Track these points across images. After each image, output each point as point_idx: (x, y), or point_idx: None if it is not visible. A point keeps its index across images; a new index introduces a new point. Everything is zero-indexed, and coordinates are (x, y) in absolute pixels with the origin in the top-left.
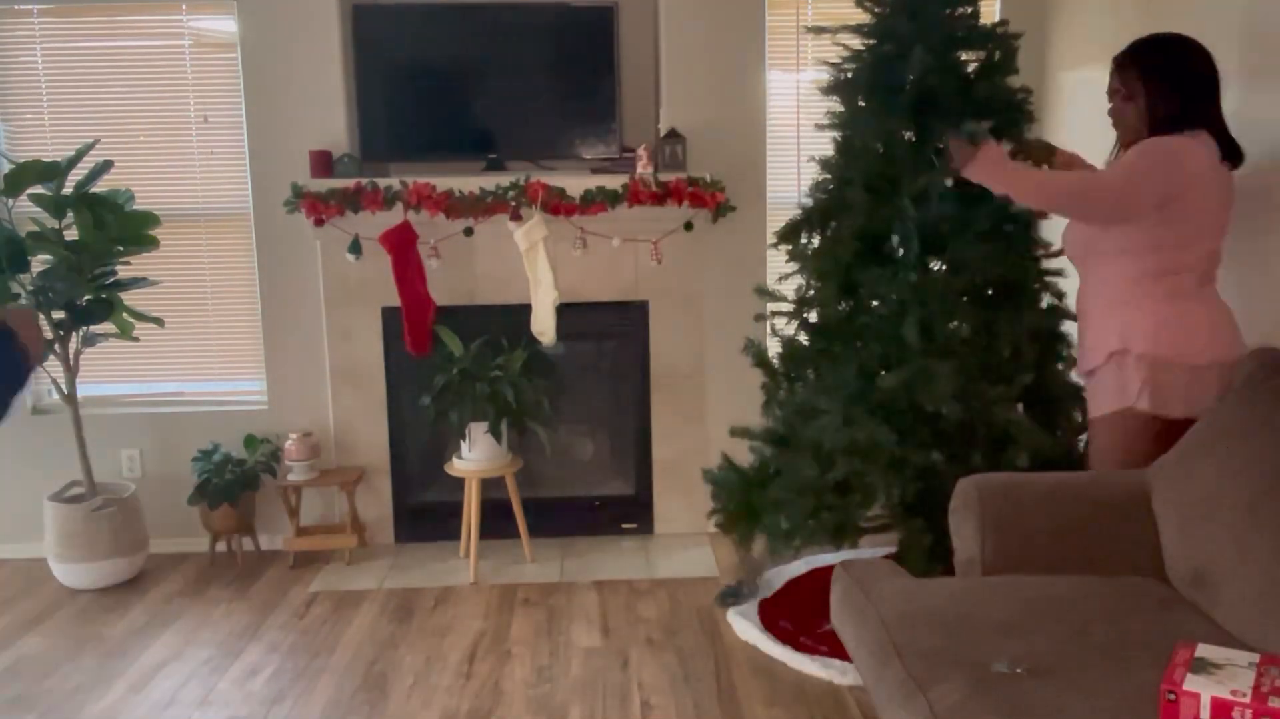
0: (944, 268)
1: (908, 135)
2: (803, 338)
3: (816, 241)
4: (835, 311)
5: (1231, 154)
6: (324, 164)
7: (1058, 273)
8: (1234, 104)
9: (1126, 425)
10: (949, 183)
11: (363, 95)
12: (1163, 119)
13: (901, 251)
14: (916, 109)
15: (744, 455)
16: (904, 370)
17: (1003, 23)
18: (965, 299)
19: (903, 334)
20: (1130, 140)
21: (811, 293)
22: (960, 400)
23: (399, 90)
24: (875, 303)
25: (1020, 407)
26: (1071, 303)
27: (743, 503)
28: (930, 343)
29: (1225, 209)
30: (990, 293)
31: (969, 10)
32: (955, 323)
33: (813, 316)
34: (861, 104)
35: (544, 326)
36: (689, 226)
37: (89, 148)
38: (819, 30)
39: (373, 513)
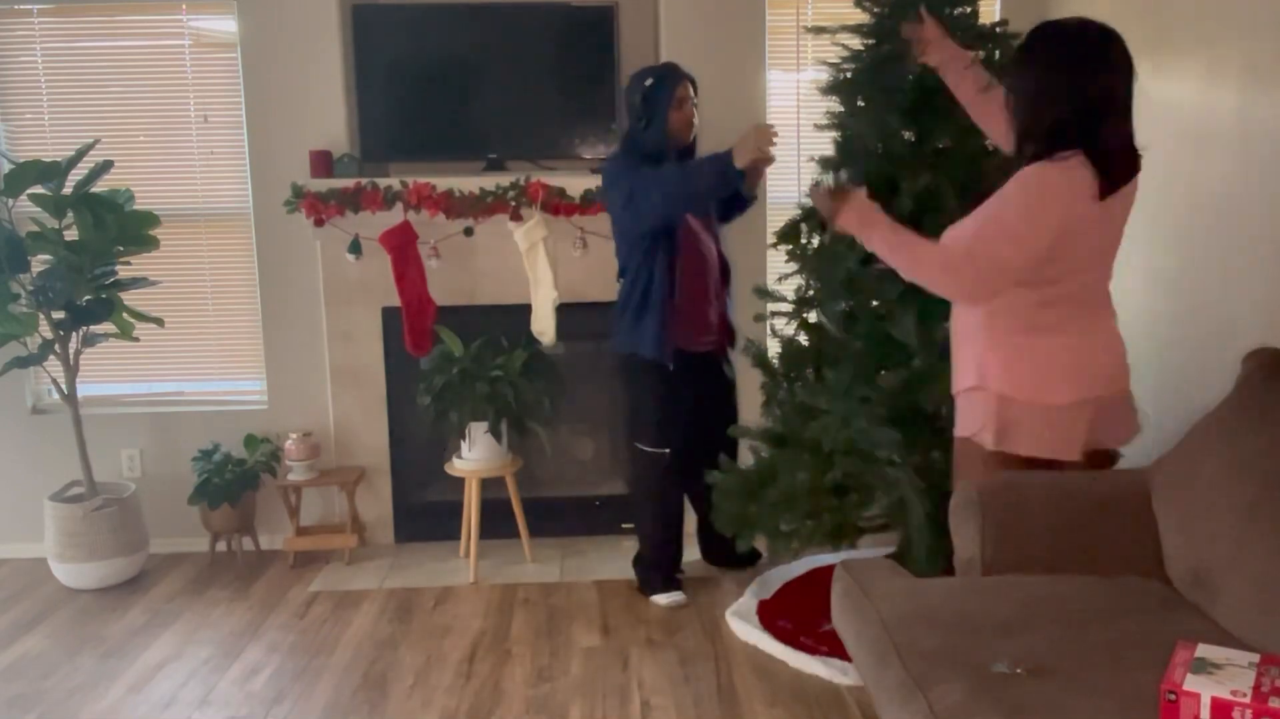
0: None
1: (907, 135)
2: (802, 338)
3: (816, 241)
4: (835, 311)
5: (1113, 180)
6: (324, 164)
7: None
8: (1235, 103)
9: (972, 451)
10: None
11: (363, 95)
12: (1035, 135)
13: None
14: (915, 109)
15: (744, 455)
16: (903, 370)
17: (1003, 22)
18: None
19: (898, 334)
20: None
21: (811, 293)
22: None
23: (399, 90)
24: (875, 303)
25: None
26: None
27: (742, 504)
28: (929, 343)
29: (1108, 238)
30: None
31: (968, 10)
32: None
33: (812, 316)
34: (861, 104)
35: (544, 326)
36: None
37: (89, 148)
38: (819, 30)
39: (373, 513)
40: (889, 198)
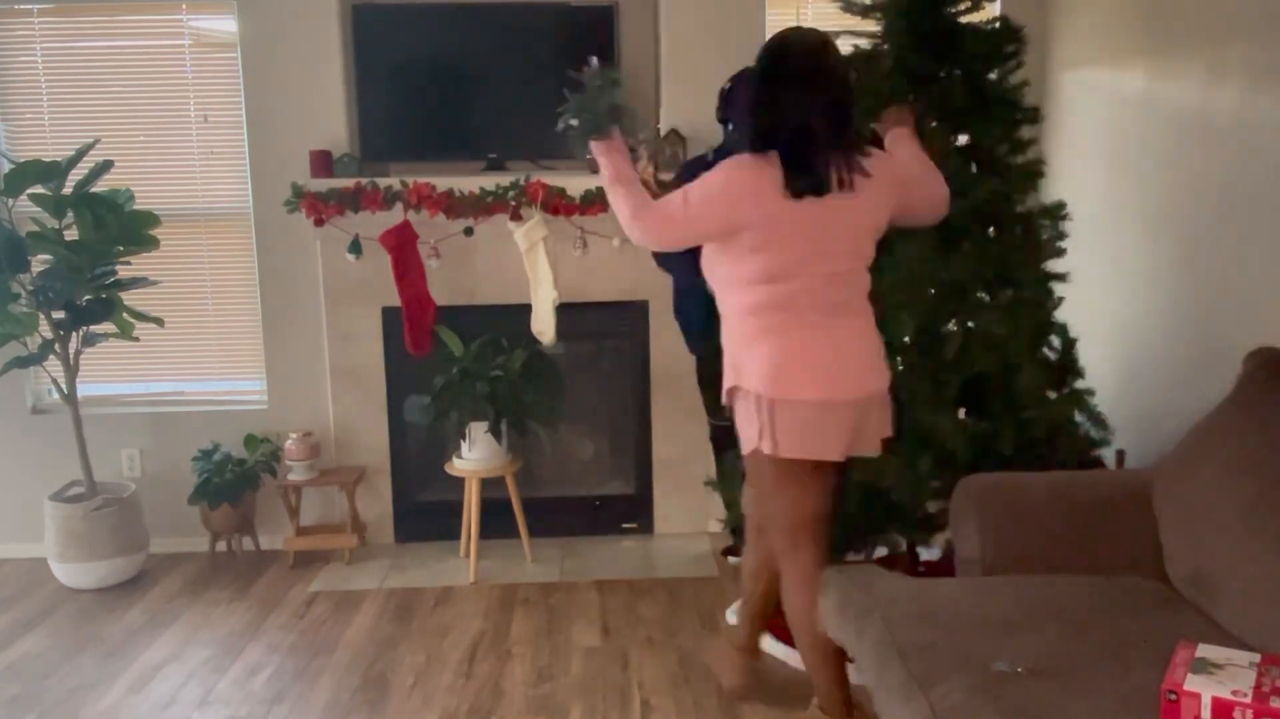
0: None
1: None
2: None
3: None
4: None
5: (801, 183)
6: (324, 164)
7: (1059, 278)
8: (1234, 103)
9: (761, 464)
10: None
11: (363, 95)
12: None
13: None
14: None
15: None
16: None
17: (1002, 20)
18: (911, 298)
19: None
20: None
21: None
22: (896, 399)
23: (399, 90)
24: None
25: (961, 411)
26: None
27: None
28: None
29: (808, 239)
30: (937, 293)
31: (965, 9)
32: (895, 323)
33: None
34: None
35: (544, 326)
36: None
37: (89, 148)
38: None
39: (373, 513)
40: None
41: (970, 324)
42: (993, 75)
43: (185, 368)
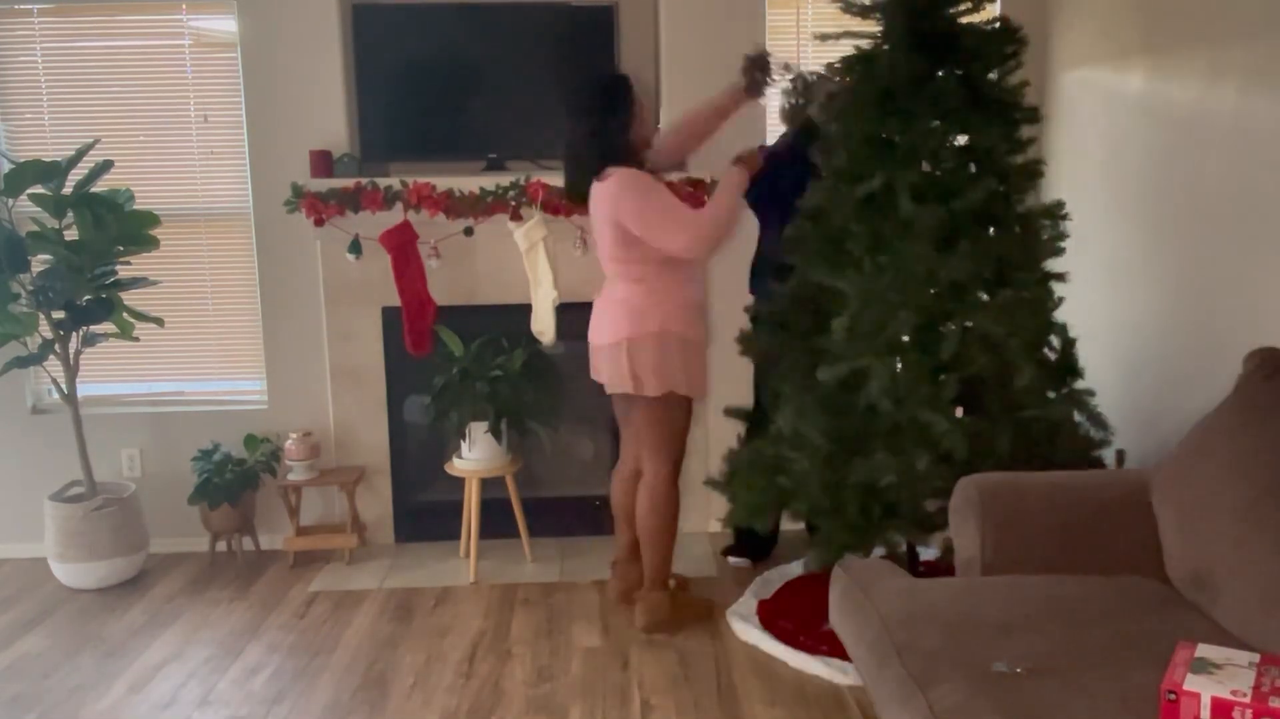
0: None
1: (883, 135)
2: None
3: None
4: (795, 307)
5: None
6: (324, 164)
7: (1058, 277)
8: (1233, 104)
9: None
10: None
11: (363, 95)
12: None
13: (853, 248)
14: (882, 109)
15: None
16: (840, 365)
17: (1001, 20)
18: (909, 298)
19: (831, 330)
20: None
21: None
22: (894, 399)
23: (399, 90)
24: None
25: (959, 410)
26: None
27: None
28: (864, 340)
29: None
30: (936, 293)
31: (964, 9)
32: (894, 322)
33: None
34: (847, 104)
35: (544, 326)
36: None
37: (89, 148)
38: (823, 37)
39: (373, 513)
40: (851, 190)
41: (969, 324)
42: (992, 75)
43: (185, 368)
